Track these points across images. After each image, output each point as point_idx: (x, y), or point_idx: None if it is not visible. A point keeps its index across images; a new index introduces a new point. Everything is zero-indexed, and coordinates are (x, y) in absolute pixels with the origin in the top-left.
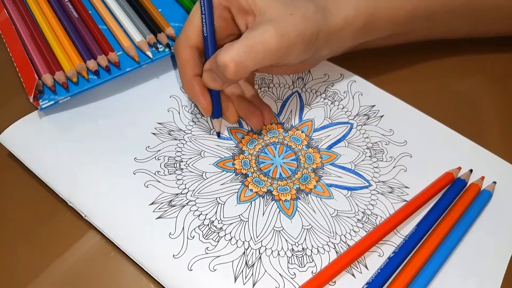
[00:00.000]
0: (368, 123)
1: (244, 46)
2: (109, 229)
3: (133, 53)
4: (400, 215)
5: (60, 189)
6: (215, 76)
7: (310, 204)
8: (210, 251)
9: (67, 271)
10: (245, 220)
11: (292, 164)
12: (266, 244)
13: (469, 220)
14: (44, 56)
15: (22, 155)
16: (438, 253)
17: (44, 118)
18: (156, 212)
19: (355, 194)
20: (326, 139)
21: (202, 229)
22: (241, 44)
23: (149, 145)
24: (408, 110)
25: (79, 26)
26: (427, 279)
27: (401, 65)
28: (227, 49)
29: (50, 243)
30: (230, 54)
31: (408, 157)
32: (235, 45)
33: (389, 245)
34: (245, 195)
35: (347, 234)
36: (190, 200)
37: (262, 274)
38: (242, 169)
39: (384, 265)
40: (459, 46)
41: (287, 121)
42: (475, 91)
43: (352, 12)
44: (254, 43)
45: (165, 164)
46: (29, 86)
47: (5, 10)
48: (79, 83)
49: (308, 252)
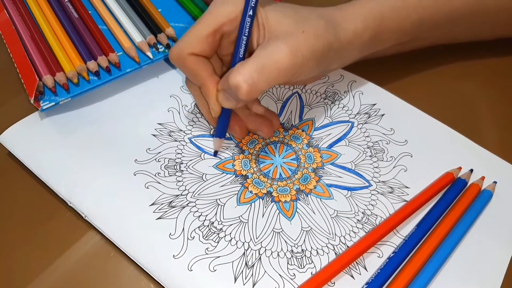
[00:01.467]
0: (369, 122)
1: (256, 66)
2: (109, 229)
3: (134, 54)
4: (400, 215)
5: (60, 190)
6: (229, 96)
7: (309, 205)
8: (210, 251)
9: (67, 271)
10: (245, 221)
11: (292, 163)
12: (266, 245)
13: (469, 220)
14: (45, 57)
15: (22, 156)
16: (438, 253)
17: (45, 119)
18: (156, 213)
19: (355, 194)
20: (327, 138)
21: (202, 230)
22: (253, 63)
23: (150, 147)
24: (409, 109)
25: (79, 27)
26: (427, 279)
27: (401, 66)
28: (239, 69)
29: (50, 243)
30: (243, 75)
31: (408, 156)
32: (247, 65)
33: (389, 246)
34: (245, 197)
35: (346, 235)
36: (190, 202)
37: (262, 275)
38: (242, 170)
39: (384, 265)
40: (459, 47)
41: (287, 121)
42: (475, 91)
43: (360, 25)
44: (266, 63)
45: (165, 166)
46: (30, 87)
47: (5, 11)
48: (80, 84)
49: (307, 254)
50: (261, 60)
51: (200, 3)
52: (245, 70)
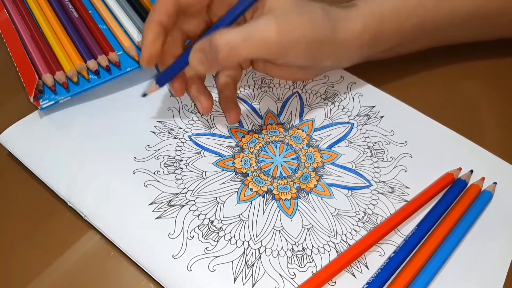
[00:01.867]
0: (369, 123)
1: (242, 33)
2: (108, 229)
3: (134, 53)
4: (400, 215)
5: (60, 189)
6: (204, 58)
7: (310, 203)
8: (210, 251)
9: (67, 271)
10: (245, 219)
11: (293, 163)
12: (266, 244)
13: (470, 220)
14: (44, 56)
15: (22, 155)
16: (439, 253)
17: (44, 118)
18: (155, 212)
19: (355, 194)
20: (327, 139)
21: (202, 229)
22: (240, 30)
23: (149, 144)
24: (408, 111)
25: (79, 26)
26: (428, 279)
27: (400, 67)
28: (224, 31)
29: (50, 243)
30: (227, 37)
31: (408, 157)
32: (234, 30)
33: (390, 244)
34: (245, 195)
35: (347, 234)
36: (189, 200)
37: (261, 274)
38: (242, 168)
39: (384, 265)
40: (459, 47)
41: (287, 121)
42: (475, 92)
43: (359, 26)
44: (253, 32)
45: (165, 163)
46: (30, 86)
47: (5, 10)
48: (80, 83)
49: (308, 252)
50: (248, 28)
51: None
52: (230, 33)
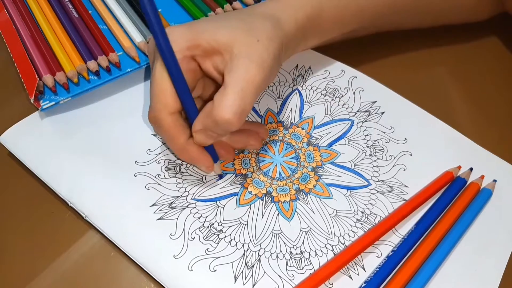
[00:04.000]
0: (369, 120)
1: (237, 94)
2: (109, 229)
3: (134, 54)
4: (399, 214)
5: (60, 190)
6: (211, 133)
7: (309, 205)
8: (210, 252)
9: (67, 271)
10: (244, 223)
11: (292, 162)
12: (265, 247)
13: (469, 218)
14: (45, 56)
15: (23, 156)
16: (437, 251)
17: (45, 119)
18: (156, 214)
19: (354, 194)
20: (327, 137)
21: (202, 231)
22: (233, 92)
23: (150, 148)
24: (409, 107)
25: (80, 27)
26: (426, 278)
27: (399, 59)
28: (222, 104)
29: (50, 243)
30: (231, 108)
31: (408, 155)
32: (228, 96)
33: (387, 245)
34: (244, 198)
35: (345, 235)
36: (190, 203)
37: (261, 275)
38: (241, 169)
39: (382, 264)
40: (459, 48)
41: (287, 119)
42: (475, 92)
43: (300, 14)
44: (244, 87)
45: (166, 167)
46: (30, 87)
47: (6, 10)
48: (80, 84)
49: (306, 255)
50: (237, 85)
51: (200, 3)
52: (228, 102)
